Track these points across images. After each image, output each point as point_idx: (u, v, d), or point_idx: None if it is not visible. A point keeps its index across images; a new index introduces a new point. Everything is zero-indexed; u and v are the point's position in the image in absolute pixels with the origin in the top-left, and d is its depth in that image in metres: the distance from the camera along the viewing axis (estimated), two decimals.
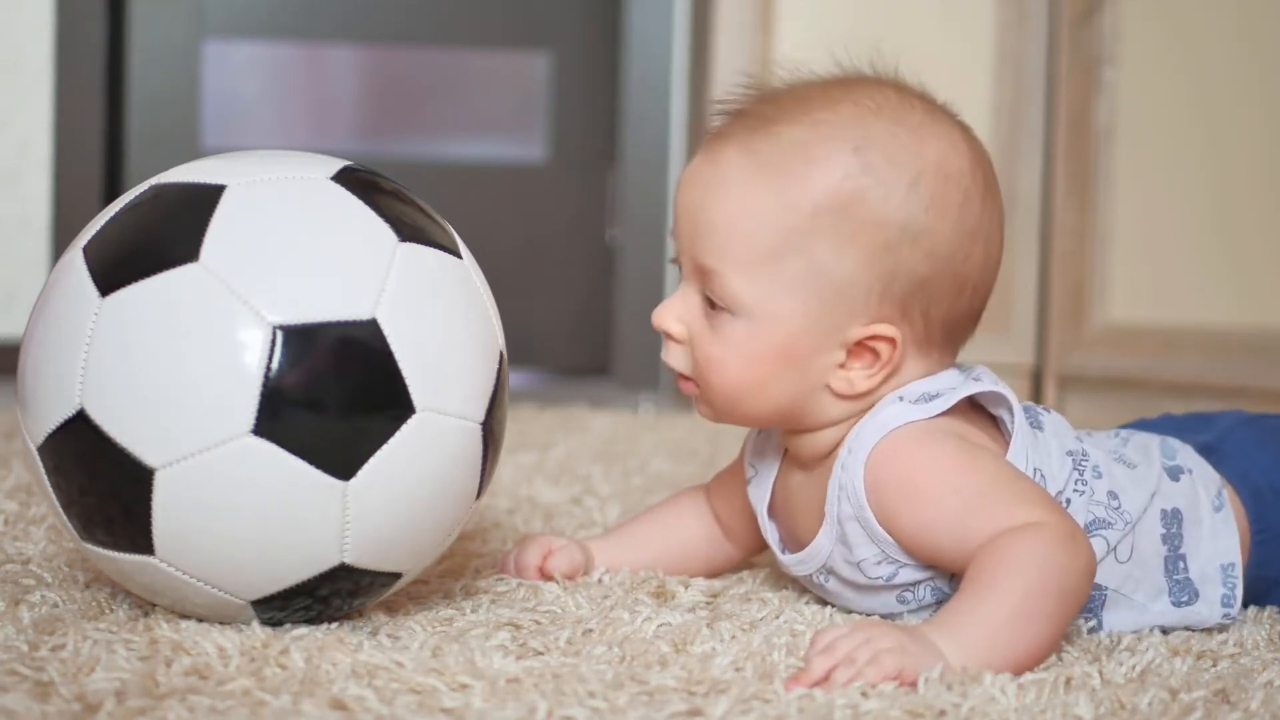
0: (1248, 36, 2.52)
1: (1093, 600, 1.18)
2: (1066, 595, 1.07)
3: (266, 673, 0.98)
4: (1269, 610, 1.27)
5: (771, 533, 1.25)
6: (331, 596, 1.08)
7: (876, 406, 1.15)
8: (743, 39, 2.89)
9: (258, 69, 3.46)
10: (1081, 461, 1.19)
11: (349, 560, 1.05)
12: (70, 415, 1.03)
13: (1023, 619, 1.04)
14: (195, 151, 3.34)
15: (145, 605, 1.13)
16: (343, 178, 1.10)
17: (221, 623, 1.08)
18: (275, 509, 1.02)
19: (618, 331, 3.40)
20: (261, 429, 1.01)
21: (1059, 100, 2.79)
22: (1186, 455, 1.26)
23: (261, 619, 1.08)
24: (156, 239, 1.05)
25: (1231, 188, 2.54)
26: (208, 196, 1.06)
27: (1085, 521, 1.17)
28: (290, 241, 1.05)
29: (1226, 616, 1.21)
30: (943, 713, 0.94)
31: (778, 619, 1.16)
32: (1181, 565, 1.21)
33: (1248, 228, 2.51)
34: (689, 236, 1.16)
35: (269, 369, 1.01)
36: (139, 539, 1.04)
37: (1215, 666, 1.10)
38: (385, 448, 1.04)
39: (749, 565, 1.38)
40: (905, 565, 1.15)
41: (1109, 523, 1.18)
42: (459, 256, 1.12)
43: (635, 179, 3.36)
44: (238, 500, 1.02)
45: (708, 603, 1.22)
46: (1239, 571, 1.22)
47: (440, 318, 1.08)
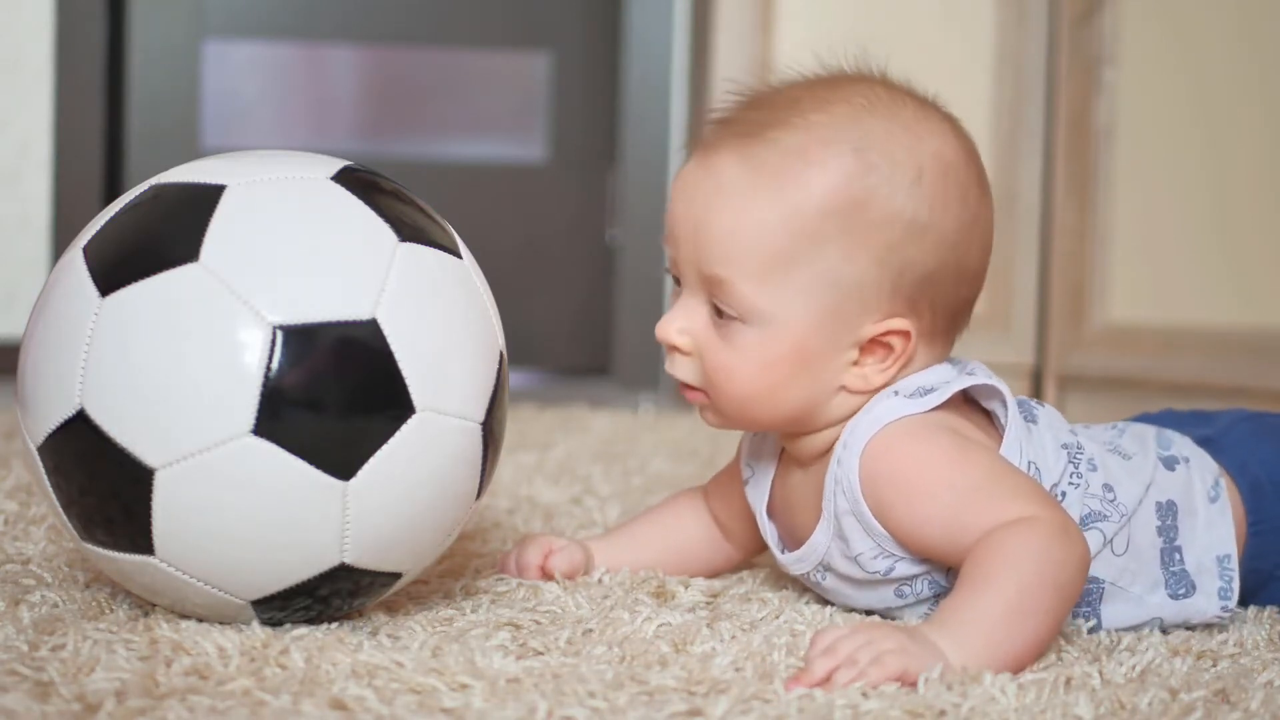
0: (1248, 36, 2.52)
1: (1090, 594, 1.18)
2: (1062, 589, 1.07)
3: (266, 673, 0.98)
4: (1269, 610, 1.27)
5: (770, 532, 1.25)
6: (331, 596, 1.08)
7: (871, 401, 1.16)
8: (743, 39, 2.89)
9: (258, 69, 3.46)
10: (1076, 455, 1.19)
11: (349, 560, 1.05)
12: (70, 415, 1.03)
13: (1020, 615, 1.04)
14: (195, 151, 3.34)
15: (145, 605, 1.13)
16: (343, 178, 1.10)
17: (221, 623, 1.08)
18: (275, 509, 1.02)
19: (618, 331, 3.40)
20: (261, 429, 1.01)
21: (1059, 100, 2.79)
22: (1183, 445, 1.26)
23: (261, 619, 1.08)
24: (156, 239, 1.05)
25: (1231, 188, 2.54)
26: (208, 196, 1.06)
27: (1080, 515, 1.17)
28: (290, 241, 1.05)
29: (1225, 609, 1.21)
30: (943, 713, 0.94)
31: (778, 619, 1.16)
32: (1177, 557, 1.21)
33: (1248, 228, 2.51)
34: (691, 247, 1.15)
35: (269, 369, 1.01)
36: (139, 539, 1.04)
37: (1215, 666, 1.10)
38: (385, 448, 1.04)
39: (749, 565, 1.38)
40: (902, 559, 1.16)
41: (1104, 515, 1.18)
42: (459, 256, 1.12)
43: (635, 179, 3.36)
44: (238, 500, 1.02)
45: (708, 603, 1.22)
46: (1235, 563, 1.22)
47: (440, 318, 1.08)
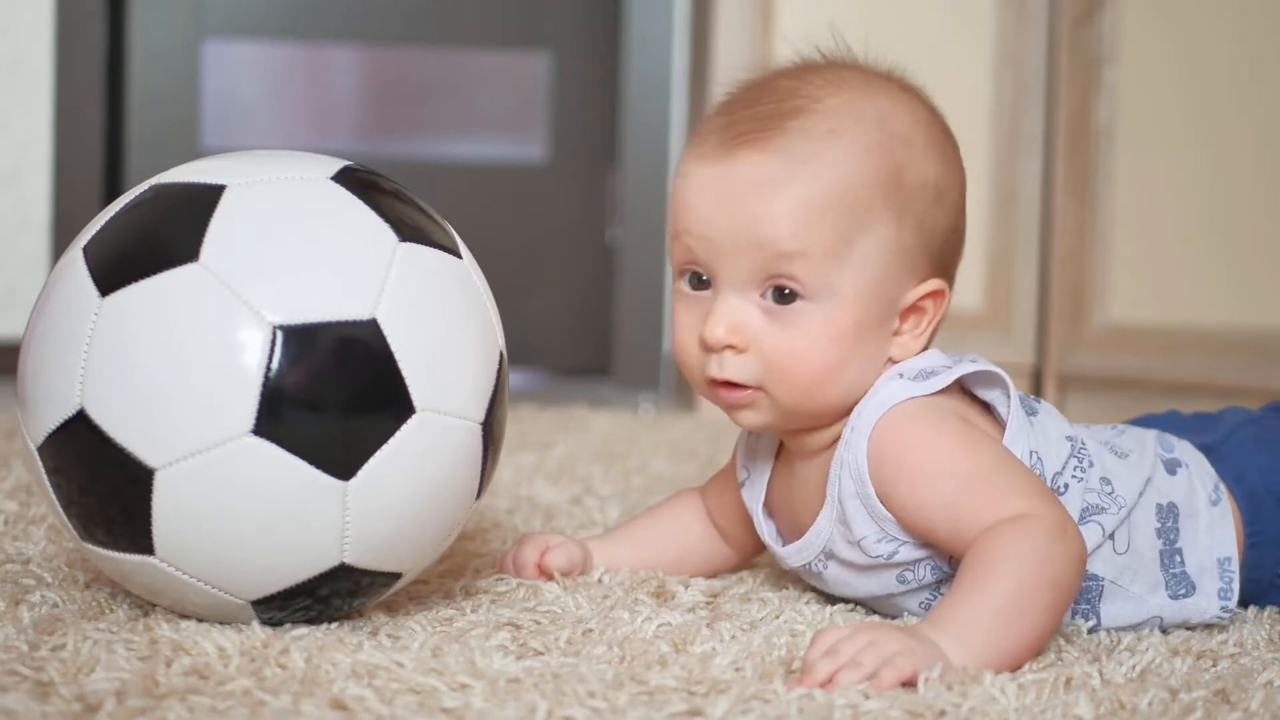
0: (1248, 36, 2.52)
1: (1089, 591, 1.18)
2: (1060, 587, 1.07)
3: (266, 673, 0.98)
4: (1269, 610, 1.27)
5: (768, 529, 1.26)
6: (331, 596, 1.08)
7: (877, 384, 1.16)
8: (743, 39, 2.89)
9: (258, 69, 3.46)
10: (1081, 450, 1.19)
11: (349, 560, 1.05)
12: (70, 415, 1.03)
13: (1018, 613, 1.05)
14: (195, 151, 3.34)
15: (145, 605, 1.13)
16: (343, 178, 1.10)
17: (221, 623, 1.08)
18: (275, 509, 1.02)
19: (618, 331, 3.40)
20: (261, 429, 1.01)
21: (1059, 100, 2.79)
22: (1184, 450, 1.26)
23: (261, 619, 1.08)
24: (156, 239, 1.05)
25: (1231, 188, 2.54)
26: (208, 196, 1.06)
27: (1080, 507, 1.17)
28: (290, 241, 1.05)
29: (1224, 609, 1.21)
30: (943, 713, 0.94)
31: (778, 619, 1.16)
32: (1178, 559, 1.21)
33: (1248, 228, 2.51)
34: (746, 237, 1.13)
35: (269, 369, 1.01)
36: (139, 539, 1.04)
37: (1215, 666, 1.10)
38: (385, 448, 1.04)
39: (749, 565, 1.38)
40: (905, 543, 1.16)
41: (1103, 508, 1.18)
42: (459, 256, 1.12)
43: (635, 179, 3.36)
44: (238, 500, 1.02)
45: (708, 603, 1.22)
46: (1236, 566, 1.22)
47: (440, 318, 1.08)
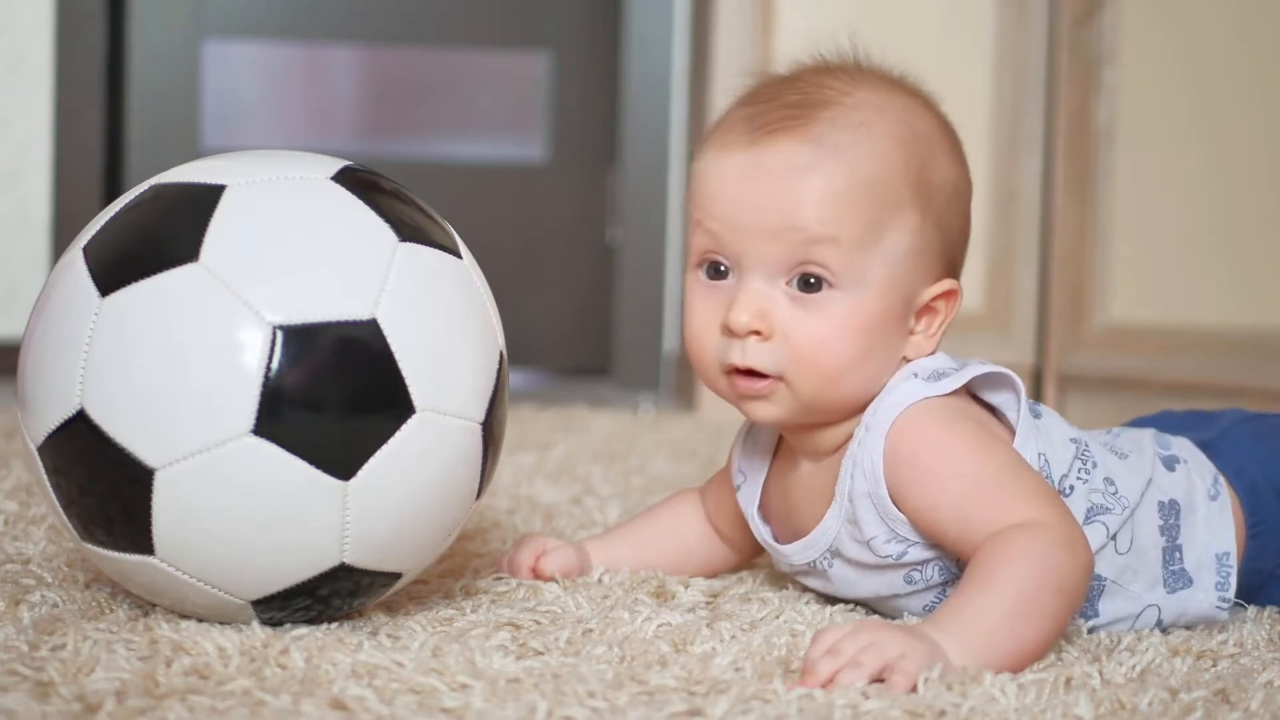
0: (1247, 36, 2.52)
1: (1090, 591, 1.18)
2: (1065, 594, 1.07)
3: (266, 673, 0.98)
4: (1269, 610, 1.27)
5: (764, 532, 1.25)
6: (331, 596, 1.08)
7: (891, 383, 1.17)
8: (743, 39, 2.88)
9: (258, 69, 3.46)
10: (1085, 451, 1.19)
11: (349, 560, 1.05)
12: (70, 415, 1.03)
13: (1022, 617, 1.05)
14: (195, 151, 3.34)
15: (145, 605, 1.13)
16: (343, 178, 1.10)
17: (221, 623, 1.08)
18: (275, 509, 1.02)
19: (618, 331, 3.40)
20: (261, 429, 1.01)
21: (1059, 100, 2.79)
22: (1181, 446, 1.26)
23: (261, 619, 1.08)
24: (156, 239, 1.05)
25: (1231, 188, 2.53)
26: (208, 196, 1.06)
27: (1085, 508, 1.18)
28: (290, 241, 1.05)
29: (1222, 600, 1.22)
30: (943, 713, 0.94)
31: (778, 619, 1.16)
32: (1178, 555, 1.22)
33: (1248, 228, 2.51)
34: (777, 221, 1.13)
35: (269, 369, 1.01)
36: (139, 539, 1.04)
37: (1215, 666, 1.10)
38: (385, 448, 1.04)
39: (749, 565, 1.38)
40: (915, 544, 1.16)
41: (1107, 508, 1.18)
42: (459, 256, 1.12)
43: (635, 179, 3.36)
44: (238, 500, 1.02)
45: (708, 603, 1.22)
46: (1234, 561, 1.23)
47: (440, 318, 1.08)
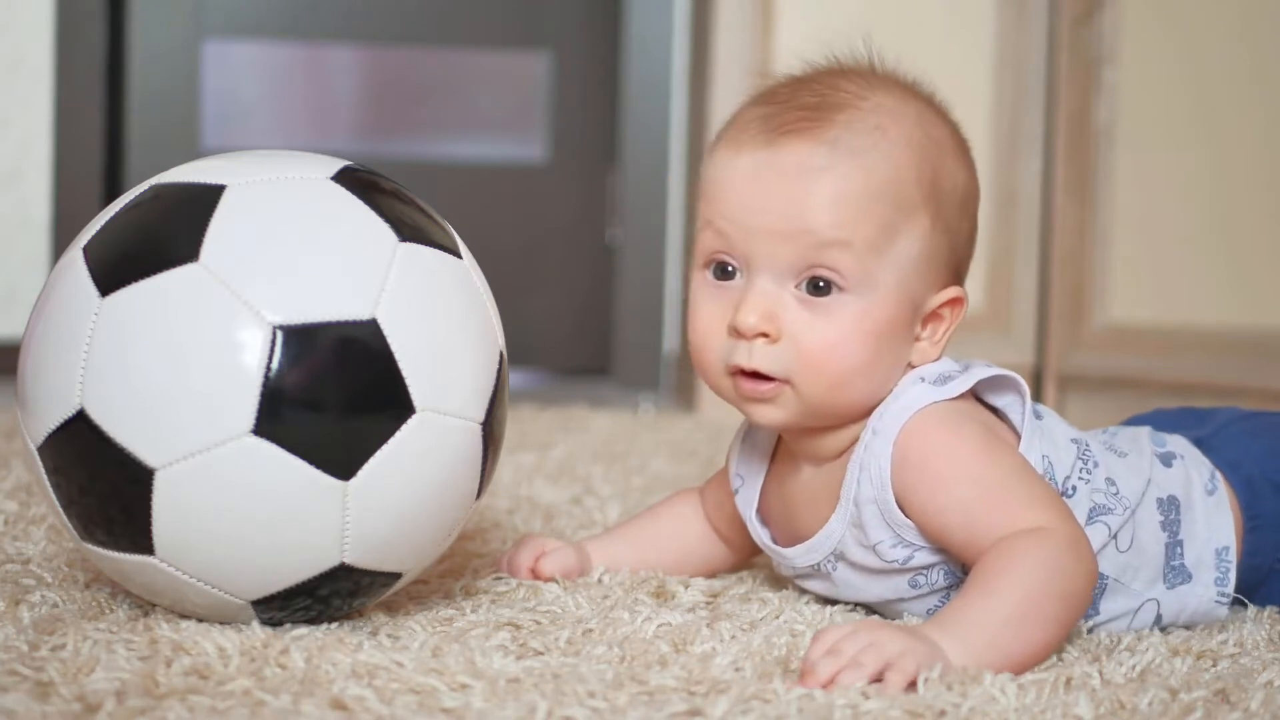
0: (1248, 36, 2.52)
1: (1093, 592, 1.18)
2: (1069, 599, 1.07)
3: (266, 673, 0.98)
4: (1269, 610, 1.27)
5: (764, 535, 1.25)
6: (331, 596, 1.08)
7: (899, 388, 1.16)
8: (743, 39, 2.88)
9: (258, 69, 3.46)
10: (1086, 451, 1.19)
11: (349, 560, 1.05)
12: (70, 415, 1.03)
13: (1024, 621, 1.05)
14: (195, 151, 3.34)
15: (145, 605, 1.13)
16: (343, 178, 1.10)
17: (221, 623, 1.08)
18: (275, 509, 1.02)
19: (618, 331, 3.40)
20: (261, 429, 1.01)
21: (1059, 100, 2.79)
22: (1177, 442, 1.27)
23: (261, 619, 1.08)
24: (156, 239, 1.05)
25: (1231, 188, 2.54)
26: (208, 196, 1.06)
27: (1087, 509, 1.18)
28: (290, 241, 1.05)
29: (1222, 595, 1.22)
30: (943, 713, 0.94)
31: (778, 619, 1.16)
32: (1178, 551, 1.22)
33: (1248, 228, 2.51)
34: (789, 223, 1.13)
35: (269, 369, 1.01)
36: (139, 539, 1.04)
37: (1215, 666, 1.10)
38: (385, 448, 1.04)
39: (749, 565, 1.38)
40: (920, 548, 1.16)
41: (1109, 508, 1.18)
42: (459, 256, 1.12)
43: (635, 179, 3.36)
44: (238, 500, 1.02)
45: (708, 603, 1.22)
46: (1233, 555, 1.23)
47: (440, 318, 1.08)
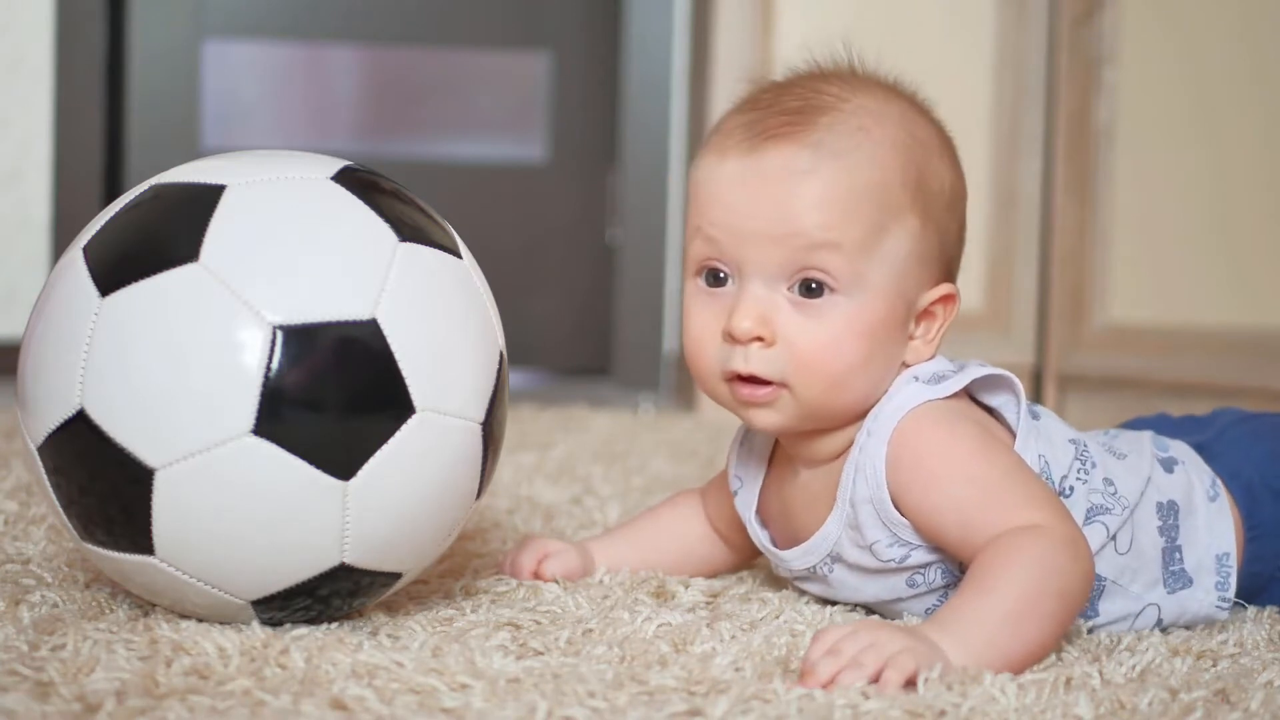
0: (1248, 36, 2.52)
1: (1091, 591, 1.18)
2: (1066, 598, 1.07)
3: (266, 673, 0.98)
4: (1269, 610, 1.27)
5: (763, 537, 1.25)
6: (331, 596, 1.08)
7: (893, 388, 1.16)
8: (743, 39, 2.88)
9: (258, 69, 3.46)
10: (1084, 452, 1.19)
11: (349, 560, 1.05)
12: (70, 415, 1.03)
13: (1022, 619, 1.05)
14: (195, 151, 3.34)
15: (145, 605, 1.13)
16: (343, 178, 1.10)
17: (221, 623, 1.08)
18: (275, 509, 1.02)
19: (618, 331, 3.40)
20: (261, 429, 1.01)
21: (1059, 100, 2.79)
22: (1179, 448, 1.26)
23: (261, 619, 1.08)
24: (156, 239, 1.05)
25: (1231, 188, 2.54)
26: (208, 196, 1.06)
27: (1085, 509, 1.18)
28: (290, 241, 1.05)
29: (1222, 601, 1.22)
30: (943, 713, 0.94)
31: (778, 619, 1.16)
32: (1178, 556, 1.22)
33: (1248, 228, 2.51)
34: (778, 226, 1.13)
35: (269, 369, 1.01)
36: (139, 539, 1.04)
37: (1215, 666, 1.10)
38: (385, 448, 1.04)
39: (749, 565, 1.38)
40: (917, 547, 1.16)
41: (1107, 508, 1.18)
42: (459, 256, 1.12)
43: (635, 179, 3.36)
44: (238, 500, 1.02)
45: (708, 603, 1.22)
46: (1234, 561, 1.23)
47: (440, 318, 1.08)
